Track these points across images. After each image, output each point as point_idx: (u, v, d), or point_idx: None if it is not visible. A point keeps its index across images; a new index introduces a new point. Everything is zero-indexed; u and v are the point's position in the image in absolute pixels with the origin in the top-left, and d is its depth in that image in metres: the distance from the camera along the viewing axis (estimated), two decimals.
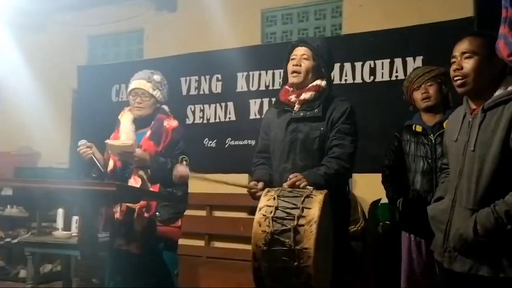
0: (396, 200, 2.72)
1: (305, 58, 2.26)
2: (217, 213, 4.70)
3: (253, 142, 4.46)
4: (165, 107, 2.67)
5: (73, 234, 3.88)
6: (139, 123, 2.60)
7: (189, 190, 2.63)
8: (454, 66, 1.83)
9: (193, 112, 4.80)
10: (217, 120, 4.72)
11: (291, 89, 2.30)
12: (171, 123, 2.59)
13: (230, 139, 4.61)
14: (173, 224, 2.52)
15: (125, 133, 2.55)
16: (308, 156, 2.19)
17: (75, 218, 3.94)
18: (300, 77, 2.24)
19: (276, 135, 2.30)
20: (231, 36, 4.51)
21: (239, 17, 4.62)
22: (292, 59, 2.29)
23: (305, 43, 2.30)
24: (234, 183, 2.23)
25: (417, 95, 2.67)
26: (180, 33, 4.92)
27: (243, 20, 4.67)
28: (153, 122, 2.57)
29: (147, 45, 5.28)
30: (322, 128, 2.20)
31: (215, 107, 4.74)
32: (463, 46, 1.82)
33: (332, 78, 2.37)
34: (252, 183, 2.26)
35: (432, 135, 2.63)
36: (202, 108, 4.79)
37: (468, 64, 1.78)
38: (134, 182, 2.45)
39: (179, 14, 5.04)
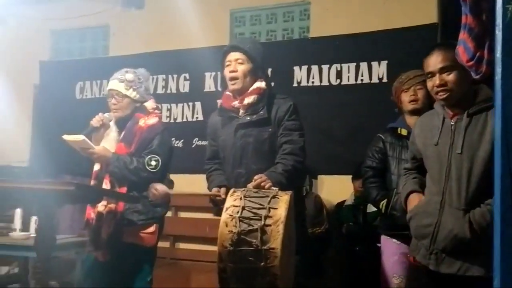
0: (379, 201, 2.64)
1: (240, 63, 2.26)
2: (183, 214, 4.65)
3: None
4: (148, 104, 2.56)
5: (31, 235, 3.74)
6: (121, 124, 2.50)
7: None
8: (436, 82, 1.88)
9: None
10: (185, 119, 4.67)
11: (232, 94, 2.32)
12: (148, 121, 2.47)
13: (197, 139, 4.58)
14: (144, 230, 2.40)
15: (107, 133, 2.47)
16: (260, 159, 2.21)
17: (33, 219, 3.80)
18: (239, 82, 2.26)
19: (225, 141, 2.31)
20: (199, 36, 4.47)
21: (207, 17, 4.59)
22: (227, 65, 2.29)
23: (237, 48, 2.31)
24: (203, 193, 2.28)
25: (405, 97, 2.65)
26: (147, 31, 4.84)
27: (212, 19, 4.64)
28: (128, 123, 2.47)
29: (113, 41, 5.16)
30: (270, 130, 2.23)
31: (183, 107, 4.69)
32: (438, 61, 1.88)
33: (268, 76, 2.40)
34: (214, 189, 2.25)
35: None
36: (169, 107, 4.73)
37: (450, 79, 1.85)
38: (105, 184, 2.37)
39: (146, 11, 4.95)
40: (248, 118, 2.24)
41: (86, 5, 5.05)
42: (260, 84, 2.27)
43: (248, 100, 2.24)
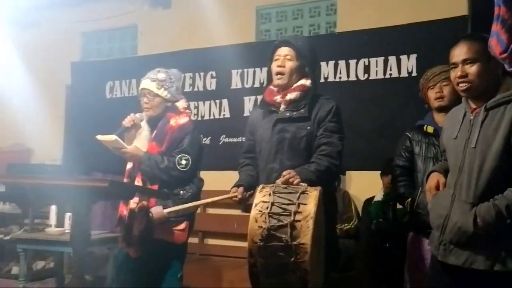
0: (405, 200, 2.65)
1: (288, 59, 2.24)
2: (211, 210, 4.70)
3: None
4: (180, 103, 2.60)
5: (66, 231, 3.86)
6: (153, 124, 2.54)
7: None
8: (458, 73, 1.88)
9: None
10: (212, 117, 4.72)
11: (276, 89, 2.30)
12: (179, 120, 2.51)
13: (224, 136, 4.62)
14: (175, 227, 2.44)
15: (138, 134, 2.51)
16: (295, 155, 2.19)
17: (68, 215, 3.92)
18: (285, 78, 2.24)
19: (262, 135, 2.30)
20: (225, 33, 4.51)
21: (233, 14, 4.62)
22: (275, 59, 2.28)
23: (288, 43, 2.28)
24: (214, 199, 2.28)
25: (431, 94, 2.63)
26: (174, 30, 4.91)
27: (238, 17, 4.66)
28: (160, 122, 2.51)
29: (141, 41, 5.25)
30: (308, 127, 2.21)
31: (210, 104, 4.74)
32: (462, 52, 1.87)
33: (316, 77, 2.37)
34: (232, 190, 2.27)
35: None
36: (196, 105, 4.78)
37: (472, 71, 1.84)
38: (137, 182, 2.43)
39: (173, 10, 5.02)
40: (288, 114, 2.22)
41: (114, 6, 5.16)
42: (305, 82, 2.24)
43: (291, 96, 2.22)
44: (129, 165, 2.52)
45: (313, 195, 1.75)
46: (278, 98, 2.26)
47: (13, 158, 5.29)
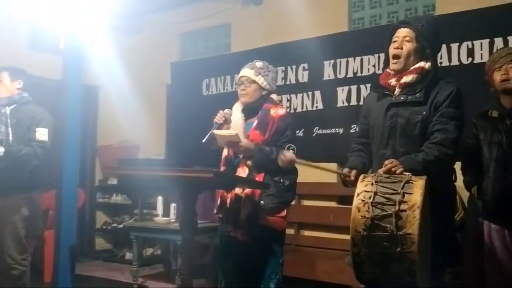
0: (471, 187, 2.68)
1: (407, 41, 2.13)
2: (306, 202, 4.72)
3: (341, 130, 4.42)
4: (274, 96, 2.68)
5: (171, 220, 4.14)
6: (248, 112, 2.64)
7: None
8: None
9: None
10: (304, 109, 4.72)
11: (392, 72, 2.20)
12: (278, 111, 2.59)
13: (317, 127, 4.60)
14: (277, 214, 2.52)
15: (234, 122, 2.62)
16: (409, 142, 2.09)
17: (173, 205, 4.19)
18: (400, 63, 2.14)
19: (375, 120, 2.23)
20: (317, 24, 4.48)
21: (325, 4, 4.58)
22: (393, 41, 2.18)
23: (408, 24, 2.17)
24: (332, 170, 2.34)
25: (497, 76, 2.53)
26: (266, 25, 4.98)
27: (329, 6, 4.61)
28: (260, 111, 2.60)
29: (234, 38, 5.41)
30: (424, 113, 2.08)
31: (302, 96, 4.74)
32: None
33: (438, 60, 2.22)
34: (346, 170, 2.23)
35: (508, 119, 2.48)
36: (289, 98, 4.81)
37: None
38: (242, 171, 2.52)
39: (264, 6, 5.10)
40: (402, 98, 2.12)
41: (208, 6, 5.37)
42: (424, 64, 2.13)
43: (406, 79, 2.12)
44: (225, 153, 2.64)
45: (418, 184, 1.70)
46: (392, 81, 2.17)
47: (122, 153, 5.76)
